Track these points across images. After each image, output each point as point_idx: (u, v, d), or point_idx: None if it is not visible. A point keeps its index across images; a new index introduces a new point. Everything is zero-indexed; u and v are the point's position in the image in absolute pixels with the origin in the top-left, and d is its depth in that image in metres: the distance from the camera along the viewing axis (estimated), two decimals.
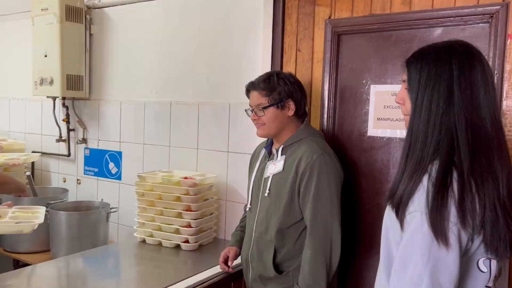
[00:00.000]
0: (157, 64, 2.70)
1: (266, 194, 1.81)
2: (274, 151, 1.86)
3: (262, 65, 2.24)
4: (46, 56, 2.89)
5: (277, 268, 1.78)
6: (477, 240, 1.03)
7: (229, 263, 1.92)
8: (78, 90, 2.94)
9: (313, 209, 1.69)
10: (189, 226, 2.20)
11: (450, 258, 1.00)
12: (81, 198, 2.98)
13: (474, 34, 1.77)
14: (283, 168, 1.77)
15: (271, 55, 2.21)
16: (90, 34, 2.98)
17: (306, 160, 1.71)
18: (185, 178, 2.28)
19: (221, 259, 1.92)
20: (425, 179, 1.04)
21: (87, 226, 2.46)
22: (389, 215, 1.14)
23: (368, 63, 2.00)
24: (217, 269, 1.95)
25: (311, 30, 2.13)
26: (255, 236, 1.85)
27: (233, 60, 2.39)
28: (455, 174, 1.03)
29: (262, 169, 1.88)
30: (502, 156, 1.07)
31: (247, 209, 1.96)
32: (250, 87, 1.85)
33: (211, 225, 2.37)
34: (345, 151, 2.08)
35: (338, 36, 2.06)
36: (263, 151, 1.93)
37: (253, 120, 1.84)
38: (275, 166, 1.81)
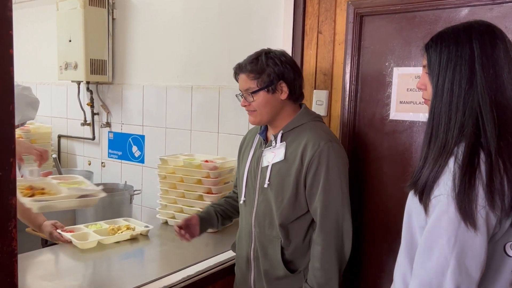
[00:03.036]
0: (178, 48, 2.71)
1: (265, 185, 1.64)
2: (271, 137, 1.68)
3: (282, 47, 2.19)
4: (70, 41, 2.94)
5: (288, 266, 1.64)
6: (506, 223, 1.01)
7: (181, 224, 1.72)
8: (101, 74, 2.99)
9: (323, 201, 1.56)
10: None
11: (477, 242, 0.98)
12: (106, 181, 3.06)
13: (503, 14, 1.71)
14: (285, 157, 1.61)
15: (292, 37, 2.19)
16: (113, 19, 3.01)
17: (312, 148, 1.56)
18: (206, 161, 2.31)
19: (180, 223, 1.74)
20: (451, 162, 1.02)
21: (111, 208, 2.52)
22: (412, 199, 1.13)
23: (391, 45, 1.96)
24: None
25: (333, 12, 2.09)
26: (256, 232, 1.69)
27: (253, 43, 2.38)
28: (482, 156, 1.01)
29: (258, 158, 1.70)
30: None
31: (241, 202, 1.76)
32: (238, 70, 1.67)
33: None
34: (366, 135, 2.05)
35: (361, 17, 2.02)
36: (257, 137, 1.75)
37: (243, 106, 1.68)
38: (274, 154, 1.63)
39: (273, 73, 1.60)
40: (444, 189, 1.01)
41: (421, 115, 1.89)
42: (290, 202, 1.60)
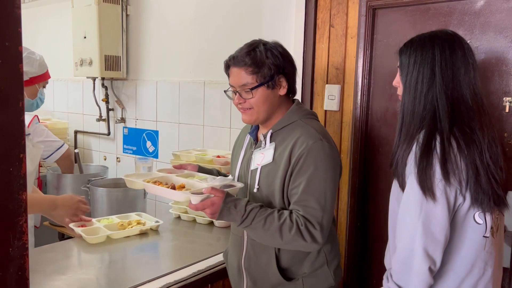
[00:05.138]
0: (191, 44, 2.72)
1: (255, 190, 1.49)
2: (261, 137, 1.53)
3: (294, 42, 2.20)
4: (85, 37, 2.97)
5: (284, 273, 1.50)
6: (468, 195, 1.20)
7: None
8: (116, 70, 3.01)
9: (302, 205, 1.38)
10: None
11: (438, 210, 1.19)
12: (121, 175, 3.09)
13: None
14: (273, 158, 1.46)
15: (304, 31, 2.17)
16: (127, 15, 3.03)
17: (300, 147, 1.40)
18: (218, 156, 2.31)
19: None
20: (414, 145, 1.23)
21: (125, 202, 2.54)
22: (395, 184, 1.34)
23: (404, 38, 1.88)
24: None
25: (345, 5, 2.06)
26: (248, 239, 1.55)
27: (265, 36, 2.35)
28: (438, 138, 1.21)
29: (248, 160, 1.55)
30: (483, 126, 1.24)
31: None
32: (232, 63, 1.48)
33: None
34: (379, 129, 2.03)
35: (373, 10, 1.99)
36: (248, 137, 1.60)
37: (238, 104, 1.49)
38: (263, 156, 1.48)
39: (274, 67, 1.43)
40: (410, 169, 1.23)
41: None
42: (280, 207, 1.44)
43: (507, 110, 1.73)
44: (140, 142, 3.09)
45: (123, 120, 3.17)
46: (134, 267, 1.82)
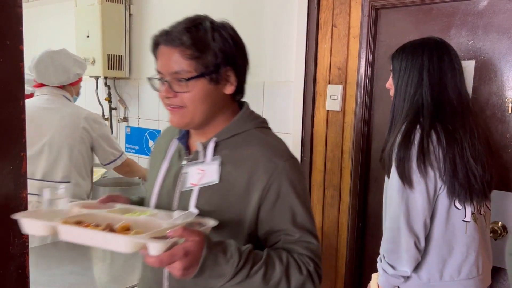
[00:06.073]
0: None
1: None
2: (197, 147, 1.09)
3: (296, 42, 2.20)
4: (88, 36, 2.98)
5: None
6: (448, 183, 1.33)
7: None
8: (118, 69, 3.02)
9: (294, 235, 1.04)
10: None
11: (416, 196, 1.33)
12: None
13: None
14: (221, 178, 1.05)
15: (306, 31, 2.16)
16: (130, 14, 3.03)
17: (267, 169, 1.03)
18: None
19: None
20: (397, 137, 1.36)
21: None
22: (386, 177, 1.45)
23: (407, 38, 1.89)
24: None
25: (348, 5, 2.06)
26: (170, 274, 1.07)
27: (267, 36, 2.37)
28: (419, 130, 1.33)
29: (175, 176, 1.11)
30: (465, 126, 1.35)
31: None
32: (162, 39, 1.08)
33: None
34: (381, 130, 2.02)
35: (376, 10, 1.98)
36: (175, 143, 1.16)
37: (164, 98, 1.07)
38: (203, 173, 1.06)
39: (221, 54, 1.04)
40: (393, 160, 1.37)
41: None
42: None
43: (509, 111, 1.72)
44: (142, 141, 3.09)
45: (125, 119, 3.17)
46: (137, 265, 1.83)
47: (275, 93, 2.31)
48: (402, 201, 1.34)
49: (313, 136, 2.21)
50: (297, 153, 2.24)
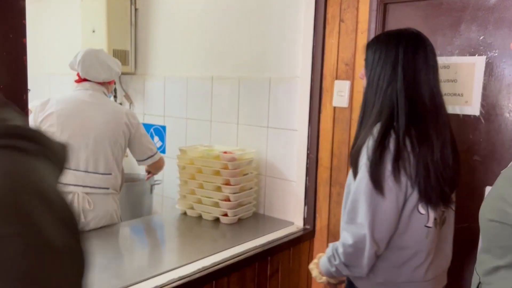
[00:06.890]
0: (199, 39, 2.70)
1: None
2: None
3: (303, 37, 2.17)
4: (94, 31, 2.97)
5: None
6: (417, 191, 1.30)
7: None
8: (124, 65, 3.00)
9: None
10: (228, 199, 2.22)
11: (386, 203, 1.28)
12: (128, 171, 3.08)
13: None
14: None
15: (313, 26, 2.13)
16: (135, 9, 3.02)
17: None
18: (225, 152, 2.29)
19: None
20: (369, 139, 1.30)
21: (132, 197, 2.55)
22: (350, 172, 1.41)
23: None
24: (255, 243, 1.96)
25: None
26: None
27: (274, 31, 2.34)
28: (393, 135, 1.28)
29: None
30: (437, 127, 1.31)
31: None
32: None
33: (250, 199, 2.38)
34: None
35: (384, 5, 1.95)
36: None
37: None
38: None
39: None
40: (362, 161, 1.30)
41: (450, 107, 1.81)
42: None
43: None
44: None
45: None
46: (139, 262, 1.82)
47: (281, 89, 2.29)
48: (370, 209, 1.28)
49: (320, 133, 2.19)
50: (303, 150, 2.22)
